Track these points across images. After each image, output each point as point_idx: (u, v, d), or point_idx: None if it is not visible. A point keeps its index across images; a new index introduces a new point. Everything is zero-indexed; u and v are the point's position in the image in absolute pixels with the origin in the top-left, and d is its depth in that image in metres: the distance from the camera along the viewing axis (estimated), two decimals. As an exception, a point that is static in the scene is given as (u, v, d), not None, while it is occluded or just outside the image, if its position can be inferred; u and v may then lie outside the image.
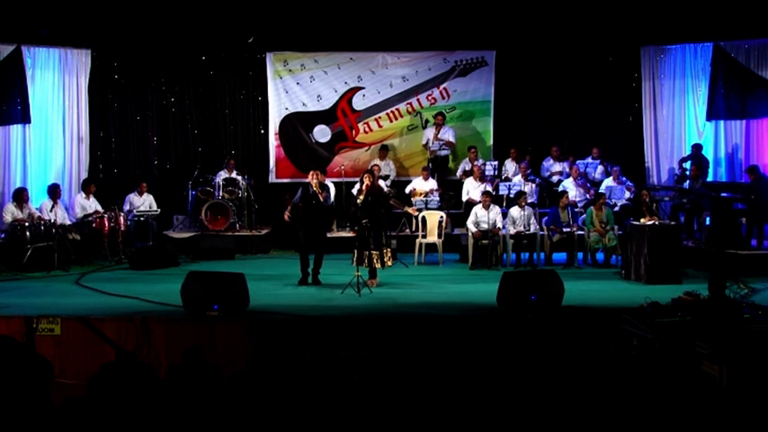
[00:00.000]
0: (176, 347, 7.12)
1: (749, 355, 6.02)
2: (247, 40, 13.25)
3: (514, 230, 11.11)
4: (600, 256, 11.15)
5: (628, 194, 12.31)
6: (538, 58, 13.39)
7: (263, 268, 10.86)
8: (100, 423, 4.17)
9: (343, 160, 13.71)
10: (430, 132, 13.39)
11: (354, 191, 11.58)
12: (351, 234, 12.18)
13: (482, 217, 11.04)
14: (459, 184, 13.07)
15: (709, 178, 12.48)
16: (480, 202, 11.35)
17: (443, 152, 13.41)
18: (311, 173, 9.81)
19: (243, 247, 12.29)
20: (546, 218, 11.65)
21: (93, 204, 11.95)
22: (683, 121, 13.31)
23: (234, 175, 12.94)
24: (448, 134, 13.33)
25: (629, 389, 5.91)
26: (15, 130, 12.23)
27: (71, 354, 7.53)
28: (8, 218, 10.96)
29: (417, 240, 11.50)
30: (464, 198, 12.56)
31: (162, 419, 4.46)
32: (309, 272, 9.67)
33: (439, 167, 13.35)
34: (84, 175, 12.80)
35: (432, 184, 12.79)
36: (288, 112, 13.82)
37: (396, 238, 11.95)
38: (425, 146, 13.46)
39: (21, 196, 11.15)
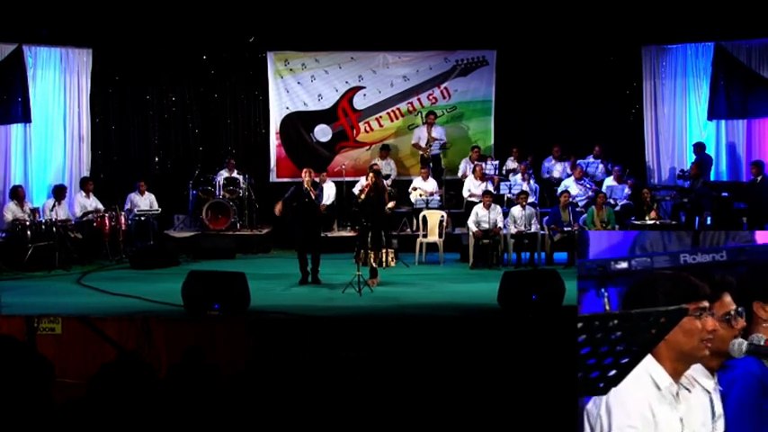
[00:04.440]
0: (177, 347, 7.11)
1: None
2: (248, 40, 13.24)
3: (515, 230, 11.11)
4: (601, 255, 11.12)
5: (627, 190, 12.31)
6: (538, 57, 13.36)
7: (264, 268, 10.85)
8: (100, 423, 4.17)
9: (343, 160, 13.69)
10: (422, 132, 13.29)
11: (355, 190, 11.61)
12: (351, 234, 12.20)
13: (483, 216, 11.04)
14: (458, 184, 13.06)
15: (711, 178, 12.48)
16: (481, 201, 11.36)
17: (437, 151, 13.36)
18: (304, 170, 9.84)
19: (243, 246, 12.28)
20: (547, 217, 11.64)
21: (93, 203, 11.95)
22: (684, 121, 13.31)
23: (235, 174, 12.94)
24: (440, 133, 13.25)
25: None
26: (16, 129, 12.22)
27: (72, 353, 7.51)
28: (9, 216, 10.97)
29: (418, 240, 11.50)
30: (465, 193, 12.53)
31: (162, 419, 4.46)
32: (309, 270, 9.69)
33: (433, 167, 13.30)
34: (85, 174, 12.79)
35: (432, 183, 12.77)
36: (288, 112, 13.81)
37: (396, 238, 11.95)
38: (415, 145, 13.38)
39: (17, 193, 11.15)
